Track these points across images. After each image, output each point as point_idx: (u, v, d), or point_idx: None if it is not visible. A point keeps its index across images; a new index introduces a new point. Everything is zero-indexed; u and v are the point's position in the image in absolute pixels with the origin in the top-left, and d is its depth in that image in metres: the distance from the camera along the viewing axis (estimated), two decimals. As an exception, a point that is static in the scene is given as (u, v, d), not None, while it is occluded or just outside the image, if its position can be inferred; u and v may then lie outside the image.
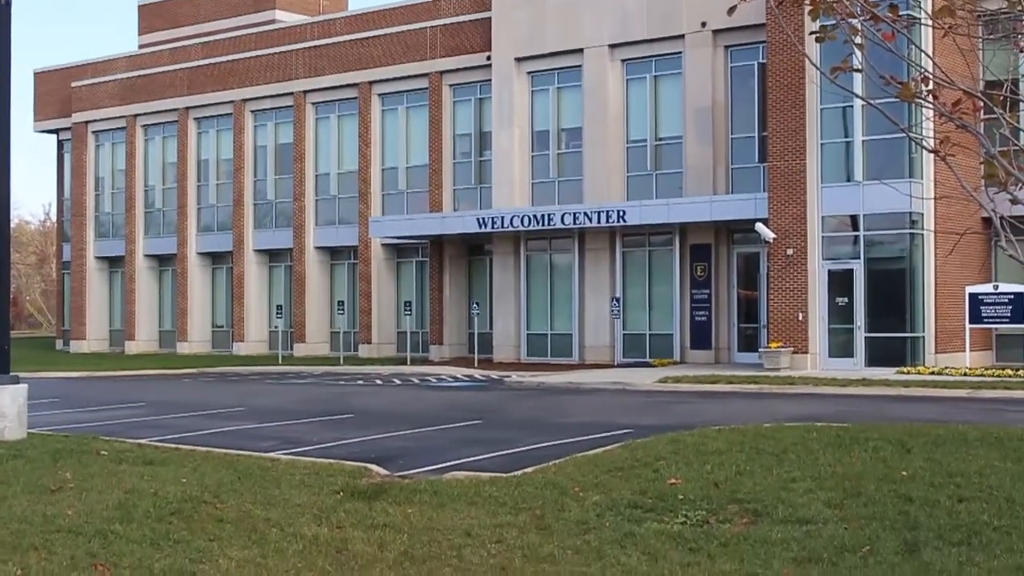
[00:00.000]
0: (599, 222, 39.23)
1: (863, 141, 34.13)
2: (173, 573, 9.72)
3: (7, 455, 16.84)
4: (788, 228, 35.05)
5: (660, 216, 38.58)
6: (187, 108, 55.03)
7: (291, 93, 51.22)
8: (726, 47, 39.54)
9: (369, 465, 15.90)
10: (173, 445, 18.58)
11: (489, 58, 44.52)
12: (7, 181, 19.85)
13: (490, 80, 44.66)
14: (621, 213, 38.79)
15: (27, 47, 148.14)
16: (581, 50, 42.13)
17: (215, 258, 55.66)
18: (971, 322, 33.50)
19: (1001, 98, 7.44)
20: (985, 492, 12.41)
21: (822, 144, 34.79)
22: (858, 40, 7.47)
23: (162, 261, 57.50)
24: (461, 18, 46.16)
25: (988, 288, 33.52)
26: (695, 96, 39.86)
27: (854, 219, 34.64)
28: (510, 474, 14.61)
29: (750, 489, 12.81)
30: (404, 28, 47.79)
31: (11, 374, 19.65)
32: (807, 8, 7.42)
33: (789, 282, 34.97)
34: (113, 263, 59.10)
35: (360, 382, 36.31)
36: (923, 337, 33.89)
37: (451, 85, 46.68)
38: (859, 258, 34.44)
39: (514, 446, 18.47)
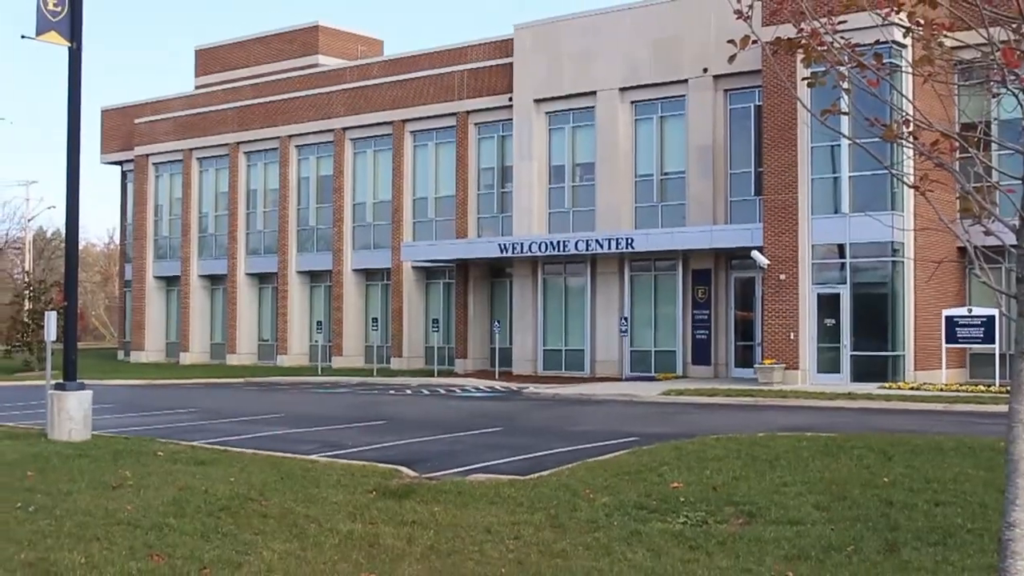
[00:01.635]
0: (610, 248, 39.21)
1: (850, 177, 34.06)
2: (222, 563, 9.74)
3: (73, 454, 16.91)
4: (781, 255, 34.97)
5: (665, 243, 38.55)
6: (238, 143, 55.25)
7: (332, 130, 51.38)
8: (726, 91, 39.53)
9: (400, 467, 15.91)
10: (222, 447, 18.62)
11: (511, 99, 44.60)
12: (76, 207, 19.98)
13: (511, 119, 44.75)
14: (630, 240, 38.76)
15: (96, 87, 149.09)
16: (594, 92, 42.18)
17: (262, 278, 55.79)
18: (947, 342, 33.35)
19: (975, 139, 7.45)
20: (960, 497, 12.35)
21: (812, 179, 34.72)
22: (846, 85, 7.49)
23: (214, 280, 57.66)
24: (486, 63, 46.27)
25: (963, 311, 33.39)
26: (697, 135, 39.85)
27: (841, 247, 34.55)
28: (527, 477, 14.60)
29: (745, 492, 12.77)
30: (435, 72, 47.93)
31: (77, 381, 19.75)
32: (800, 56, 7.45)
33: (782, 304, 34.88)
34: (170, 282, 59.29)
35: (392, 392, 36.32)
36: (903, 355, 33.75)
37: (476, 123, 46.77)
38: (845, 283, 34.33)
39: (531, 451, 18.45)
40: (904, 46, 30.90)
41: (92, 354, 65.19)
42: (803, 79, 7.71)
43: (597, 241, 39.44)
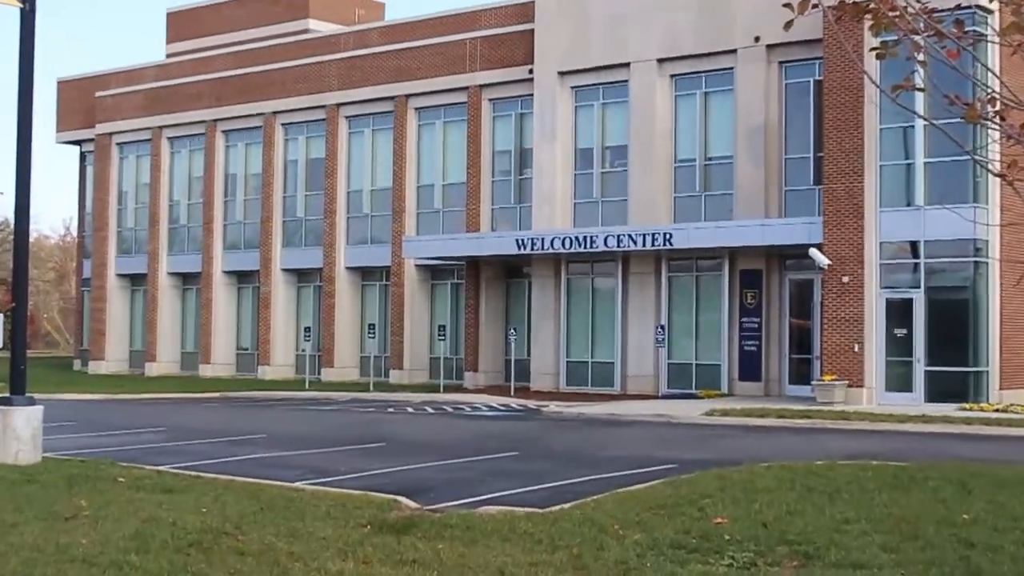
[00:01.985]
0: (644, 245, 39.16)
1: (925, 163, 33.96)
2: (191, 608, 9.73)
3: (20, 480, 16.93)
4: (844, 254, 34.88)
5: (708, 240, 38.49)
6: (215, 120, 55.40)
7: (323, 106, 51.47)
8: (780, 63, 39.45)
9: (399, 497, 15.89)
10: (193, 473, 18.63)
11: (531, 71, 44.59)
12: (27, 194, 20.02)
13: (531, 95, 44.73)
14: (668, 236, 38.71)
15: (51, 55, 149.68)
16: (628, 64, 42.15)
17: (241, 277, 55.90)
18: (1038, 357, 33.20)
19: (1073, 120, 7.37)
20: (1052, 538, 12.27)
21: (881, 166, 34.63)
22: (921, 57, 7.42)
23: (186, 280, 57.81)
24: (502, 30, 46.29)
25: (1056, 321, 33.22)
26: (747, 114, 39.78)
27: (914, 246, 34.44)
28: (546, 510, 14.56)
29: (800, 530, 12.72)
30: (443, 40, 47.97)
31: (26, 395, 19.78)
32: (867, 23, 7.37)
33: (844, 311, 34.78)
34: (135, 281, 59.47)
35: (390, 410, 36.33)
36: (987, 372, 33.63)
37: (491, 99, 46.77)
38: (919, 287, 34.22)
39: (551, 480, 18.42)
40: (990, 11, 30.79)
41: (44, 364, 65.40)
42: (871, 49, 7.65)
43: (630, 236, 39.39)
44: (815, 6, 7.22)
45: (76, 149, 64.36)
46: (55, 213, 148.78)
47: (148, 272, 57.75)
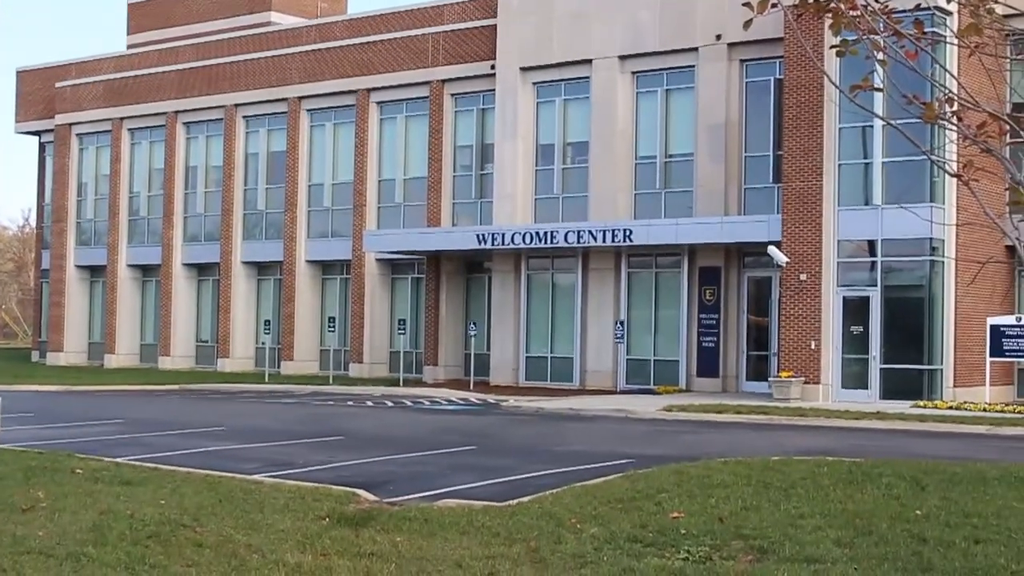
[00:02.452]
0: (604, 241, 39.22)
1: (883, 163, 34.15)
2: (148, 599, 9.69)
3: (-23, 471, 16.80)
4: (802, 252, 35.04)
5: (668, 236, 38.59)
6: (176, 112, 55.10)
7: (285, 99, 51.28)
8: (741, 61, 39.58)
9: (357, 490, 15.86)
10: (152, 465, 18.54)
11: (493, 67, 44.58)
12: (-15, 184, 19.84)
13: (493, 90, 44.71)
14: (627, 232, 38.78)
15: (12, 45, 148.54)
16: (590, 61, 42.18)
17: (201, 269, 55.67)
18: (992, 355, 33.42)
19: (1028, 121, 7.44)
20: (1003, 534, 12.38)
21: (840, 165, 34.80)
22: (880, 57, 7.47)
23: (146, 272, 57.51)
24: (465, 24, 46.26)
25: (1011, 320, 33.46)
26: (708, 112, 39.90)
27: (872, 244, 34.63)
28: (505, 503, 14.58)
29: (756, 525, 12.78)
30: (405, 34, 47.89)
31: (-16, 386, 19.61)
32: (827, 22, 7.41)
33: (802, 308, 34.94)
34: (94, 272, 59.11)
35: (350, 403, 36.27)
36: (941, 370, 33.86)
37: (453, 94, 46.75)
38: (876, 285, 34.42)
39: (510, 474, 18.44)
40: (949, 13, 30.99)
41: (2, 355, 64.91)
42: (832, 47, 7.70)
43: (590, 232, 39.44)
44: (774, 5, 7.25)
45: (35, 140, 63.85)
46: (14, 204, 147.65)
47: (108, 264, 57.40)
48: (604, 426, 28.54)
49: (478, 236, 41.99)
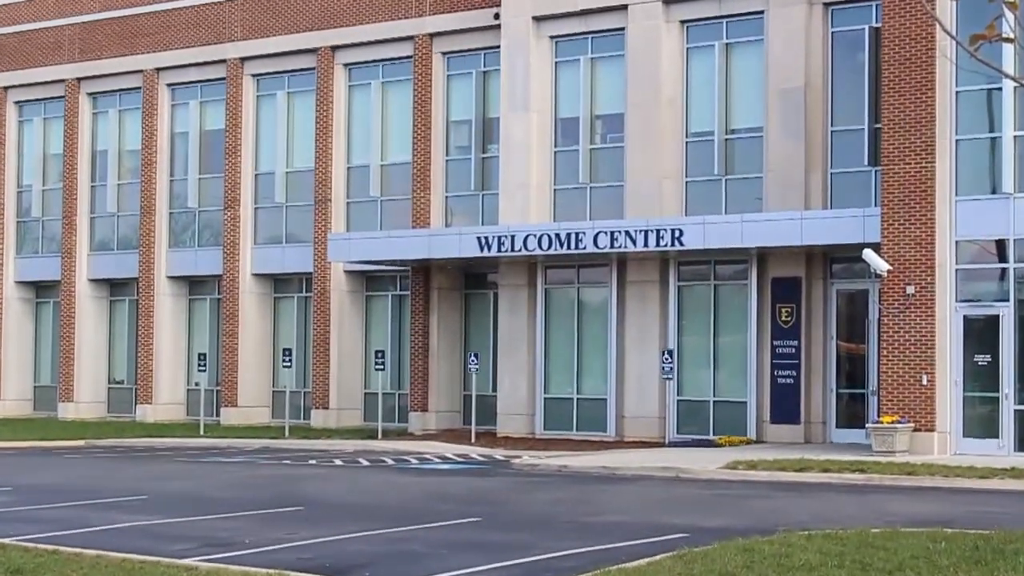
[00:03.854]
0: (646, 245, 39.20)
1: (1015, 137, 34.12)
2: None
3: None
4: (909, 257, 34.99)
5: (731, 238, 38.53)
6: (78, 79, 55.19)
7: (223, 60, 51.35)
8: (826, 5, 39.58)
9: (322, 578, 15.88)
10: (50, 546, 18.52)
11: (498, 16, 44.61)
12: None
13: (498, 47, 44.72)
14: (677, 233, 38.75)
15: None
16: (625, 7, 42.20)
17: (114, 287, 55.69)
18: None
19: None
20: None
21: (957, 141, 34.75)
22: (1009, -2, 7.46)
23: (40, 291, 57.53)
24: (460, -40, 46.40)
25: None
26: (781, 73, 39.86)
27: (1002, 245, 34.58)
28: (518, 593, 14.57)
29: (852, 619, 12.75)
30: (381, -27, 48.02)
31: None
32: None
33: (909, 332, 34.88)
34: (-27, 292, 59.17)
35: (312, 462, 36.25)
36: (1096, 411, 33.81)
37: (445, 53, 46.77)
38: (1008, 300, 34.36)
39: (525, 554, 18.41)
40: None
41: None
42: (944, -13, 7.71)
43: (627, 233, 39.42)
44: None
45: None
46: None
47: (-10, 280, 57.50)
48: (648, 489, 28.49)
49: (480, 240, 41.96)
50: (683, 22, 41.83)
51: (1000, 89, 33.97)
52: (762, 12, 40.39)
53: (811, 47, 39.62)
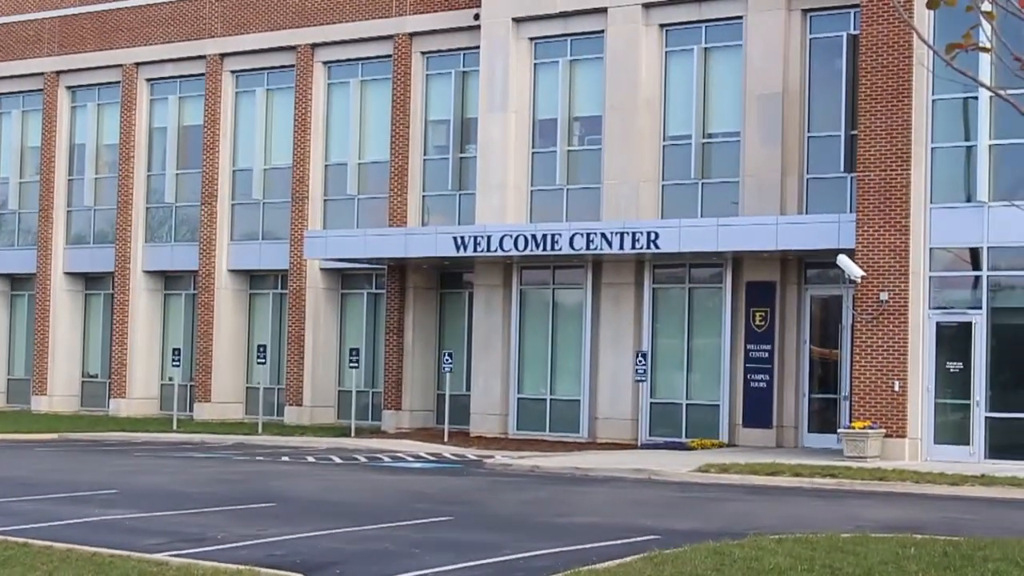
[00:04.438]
0: (622, 247, 39.21)
1: (990, 146, 34.18)
2: None
3: None
4: (883, 264, 35.05)
5: (707, 242, 38.55)
6: (57, 72, 55.05)
7: (203, 56, 51.26)
8: (804, 11, 39.63)
9: (293, 574, 15.82)
10: (20, 539, 18.48)
11: (477, 17, 44.58)
12: None
13: (478, 47, 44.71)
14: (653, 236, 38.77)
15: None
16: (604, 10, 42.21)
17: (90, 281, 55.57)
18: None
19: None
20: None
21: (933, 149, 34.82)
22: (986, 7, 7.48)
23: (15, 283, 57.40)
24: (440, -40, 46.36)
25: None
26: (760, 78, 39.90)
27: (975, 253, 34.65)
28: (489, 593, 14.56)
29: (821, 624, 12.77)
30: (361, -28, 47.97)
31: None
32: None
33: (882, 338, 34.94)
34: (-52, 284, 59.01)
35: (285, 459, 36.23)
36: (1066, 420, 33.90)
37: (424, 53, 46.74)
38: (981, 307, 34.43)
39: (495, 553, 18.41)
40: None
41: None
42: (922, -5, 7.72)
43: (603, 235, 39.44)
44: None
45: None
46: None
47: (-35, 272, 57.34)
48: (620, 491, 28.53)
49: (456, 239, 41.94)
50: (662, 26, 41.86)
51: (976, 98, 34.06)
52: (741, 17, 40.43)
53: (789, 53, 39.69)
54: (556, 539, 19.85)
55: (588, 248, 39.80)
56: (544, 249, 40.40)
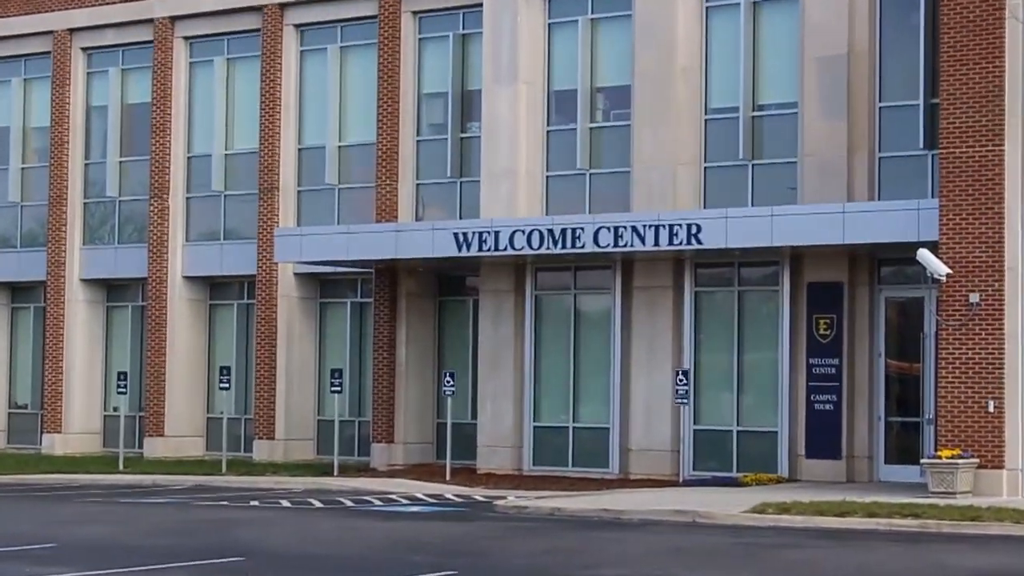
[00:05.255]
0: (657, 243, 39.21)
1: (1100, 115, 34.25)
2: None
3: None
4: (972, 259, 35.03)
5: (759, 235, 38.55)
6: (-25, 42, 55.25)
7: (149, 20, 51.35)
8: (873, -43, 39.74)
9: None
10: (-62, 604, 18.54)
11: (480, -32, 44.74)
12: None
13: (480, 6, 44.76)
14: (694, 229, 38.77)
15: None
16: (632, -42, 42.34)
17: (16, 292, 55.72)
18: None
19: None
20: None
21: (1031, 119, 34.88)
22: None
23: (-72, 296, 57.57)
24: (433, -100, 46.46)
25: None
26: (820, 37, 39.90)
27: (1083, 246, 34.69)
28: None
29: None
30: (338, -86, 48.09)
31: None
32: None
33: (972, 349, 34.93)
34: None
35: (255, 503, 36.28)
36: None
37: (416, 13, 46.80)
38: (1091, 311, 34.49)
39: (510, 616, 18.45)
40: None
41: None
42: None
43: (634, 229, 39.45)
44: None
45: None
46: None
47: None
48: (658, 537, 28.53)
49: (457, 237, 41.97)
50: (702, -24, 41.95)
51: (1082, 57, 34.10)
52: (797, -36, 40.50)
53: (856, 7, 39.68)
54: (582, 597, 19.87)
55: (616, 245, 39.81)
56: (563, 247, 40.42)
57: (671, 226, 39.11)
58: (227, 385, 48.09)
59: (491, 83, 44.25)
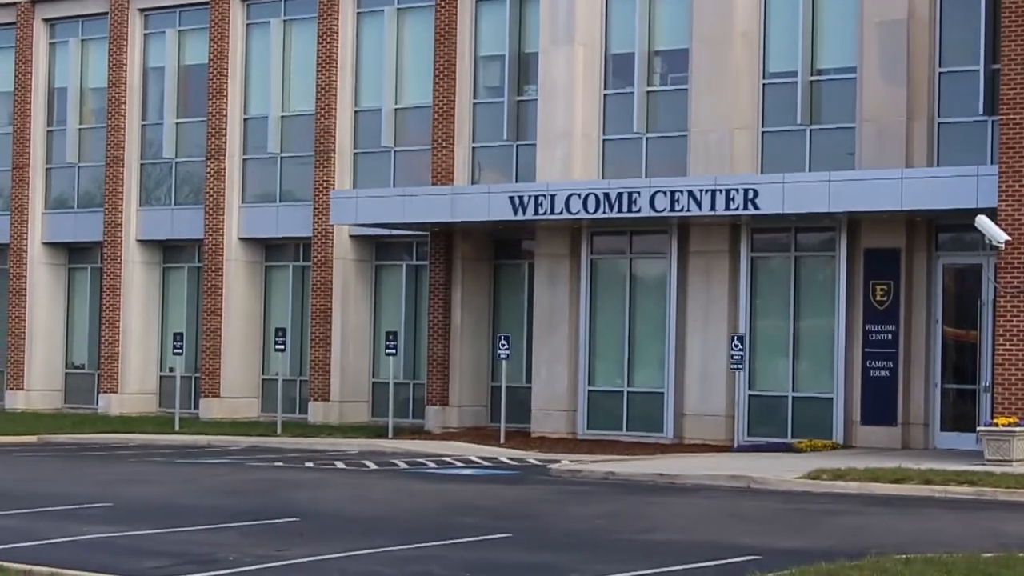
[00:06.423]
0: (713, 208, 39.14)
1: None
2: None
3: None
4: (1031, 226, 34.92)
5: (816, 201, 38.43)
6: (31, 2, 55.27)
7: (207, -18, 51.44)
8: (934, -81, 39.52)
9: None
10: (-5, 561, 18.62)
11: (538, -71, 44.63)
12: None
13: (538, -33, 44.76)
14: (751, 194, 38.68)
15: None
16: (691, -80, 42.19)
17: (73, 253, 55.83)
18: None
19: None
20: None
21: (1092, 86, 34.68)
22: None
23: (-15, 256, 57.75)
24: None
25: None
26: (879, 2, 39.69)
27: None
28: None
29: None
30: None
31: None
32: None
33: (1031, 316, 34.83)
34: (-96, 257, 59.42)
35: (309, 464, 36.36)
36: None
37: (473, -26, 46.79)
38: None
39: (563, 579, 18.44)
40: None
41: None
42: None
43: (690, 194, 39.37)
44: None
45: None
46: None
47: (-75, 243, 57.72)
48: (712, 502, 28.54)
49: (513, 200, 41.94)
50: (761, -61, 41.78)
51: None
52: (857, -72, 40.29)
53: (916, -30, 39.53)
54: (635, 561, 19.85)
55: (672, 209, 39.73)
56: (619, 211, 40.35)
57: (728, 191, 39.01)
58: (282, 347, 48.21)
59: (548, 45, 44.18)
